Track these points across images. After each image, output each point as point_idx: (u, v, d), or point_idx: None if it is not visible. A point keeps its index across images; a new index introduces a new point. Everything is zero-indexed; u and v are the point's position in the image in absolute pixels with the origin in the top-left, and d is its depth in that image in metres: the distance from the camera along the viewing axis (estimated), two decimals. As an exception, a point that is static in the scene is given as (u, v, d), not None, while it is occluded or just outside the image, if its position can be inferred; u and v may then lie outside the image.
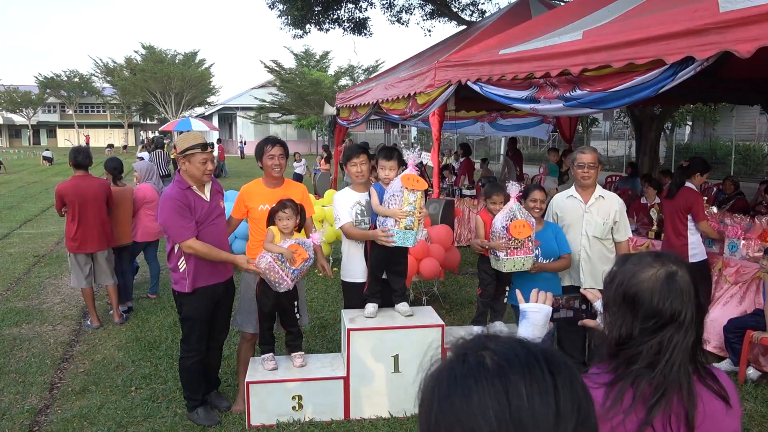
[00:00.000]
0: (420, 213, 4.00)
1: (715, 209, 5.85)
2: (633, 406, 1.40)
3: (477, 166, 14.85)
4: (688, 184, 5.60)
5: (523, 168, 13.83)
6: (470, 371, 0.84)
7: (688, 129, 27.29)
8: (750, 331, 4.84)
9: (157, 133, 60.00)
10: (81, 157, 6.02)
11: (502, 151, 31.54)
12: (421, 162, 12.44)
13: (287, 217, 4.06)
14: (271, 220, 4.12)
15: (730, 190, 9.05)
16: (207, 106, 51.10)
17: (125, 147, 48.67)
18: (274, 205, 4.11)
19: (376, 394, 4.22)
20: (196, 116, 43.05)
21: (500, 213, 4.21)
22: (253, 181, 4.47)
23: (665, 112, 13.13)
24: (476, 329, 4.44)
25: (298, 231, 4.22)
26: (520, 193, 4.25)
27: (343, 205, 4.37)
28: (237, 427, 4.17)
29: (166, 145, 19.03)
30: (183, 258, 4.02)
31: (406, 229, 3.98)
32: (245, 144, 42.34)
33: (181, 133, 4.23)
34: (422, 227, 4.11)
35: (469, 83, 6.86)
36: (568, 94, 4.79)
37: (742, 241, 5.42)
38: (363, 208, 4.37)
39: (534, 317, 1.79)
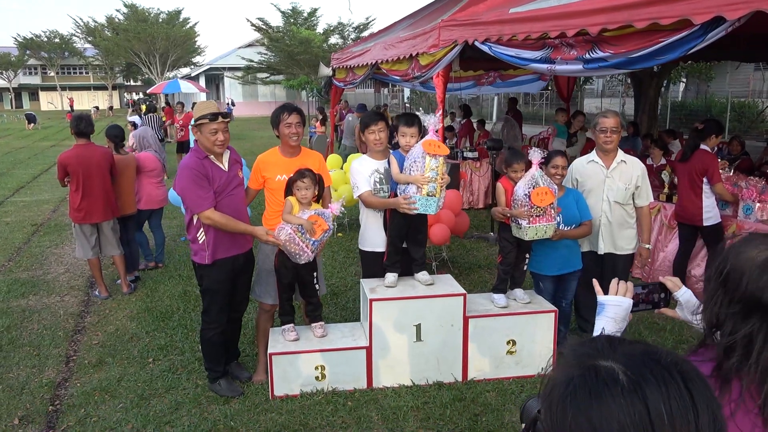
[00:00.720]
0: (442, 179, 3.96)
1: (730, 172, 5.81)
2: (741, 399, 1.34)
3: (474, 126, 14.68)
4: (702, 146, 5.54)
5: (522, 128, 13.71)
6: (605, 387, 0.85)
7: (682, 86, 27.16)
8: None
9: (142, 96, 59.01)
10: (83, 125, 5.85)
11: (494, 111, 31.49)
12: (452, 127, 12.32)
13: (306, 186, 4.00)
14: (288, 190, 4.06)
15: (736, 150, 9.00)
16: (193, 67, 50.09)
17: (111, 108, 47.74)
18: (291, 175, 4.03)
19: (398, 363, 4.23)
20: (182, 77, 42.20)
21: (522, 180, 4.16)
22: (270, 151, 4.38)
23: (665, 68, 12.95)
24: (497, 297, 4.44)
25: (317, 201, 4.15)
26: (542, 160, 4.18)
27: (361, 174, 4.29)
28: (260, 398, 4.17)
29: (157, 109, 18.66)
30: (202, 229, 3.96)
31: (428, 195, 3.94)
32: (234, 105, 41.71)
33: (195, 103, 4.13)
34: (443, 193, 4.06)
35: (476, 44, 6.68)
36: (587, 55, 4.66)
37: (757, 204, 5.41)
38: (381, 176, 4.30)
39: (613, 311, 1.71)
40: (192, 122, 3.92)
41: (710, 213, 5.47)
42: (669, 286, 1.90)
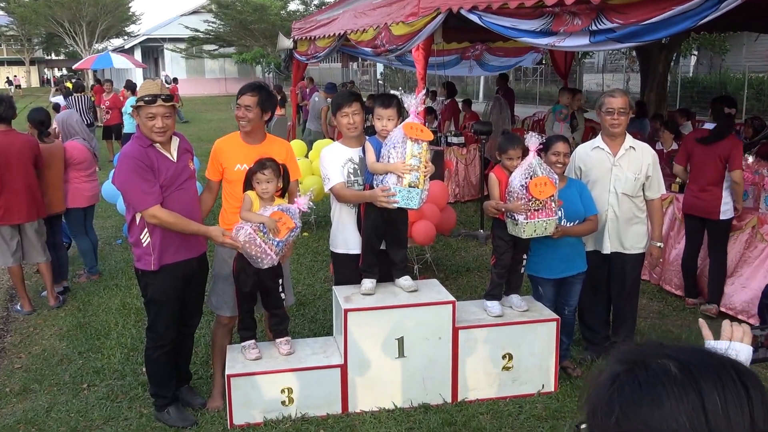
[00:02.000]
0: (426, 168, 3.99)
1: (750, 158, 5.94)
2: None
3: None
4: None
5: (514, 109, 13.83)
6: (656, 378, 0.93)
7: (693, 60, 27.67)
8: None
9: (66, 72, 57.89)
10: (2, 108, 5.72)
11: (481, 89, 31.69)
12: (432, 108, 12.31)
13: (267, 179, 3.99)
14: (248, 183, 4.04)
15: (748, 134, 9.15)
16: (127, 38, 49.33)
17: (19, 87, 46.64)
18: (251, 166, 4.02)
19: (378, 383, 4.24)
20: (114, 50, 41.51)
21: (518, 169, 4.20)
22: (229, 136, 4.37)
23: (675, 40, 13.16)
24: (490, 305, 4.48)
25: (281, 196, 4.14)
26: (541, 146, 4.23)
27: (333, 163, 4.29)
28: (217, 427, 4.15)
29: (86, 88, 18.36)
30: (146, 230, 3.94)
31: (410, 186, 3.97)
32: (170, 84, 41.16)
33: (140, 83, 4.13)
34: (427, 184, 4.09)
35: (462, 12, 6.72)
36: (594, 26, 4.73)
37: (782, 194, 5.55)
38: (356, 166, 4.31)
39: None
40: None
41: (728, 205, 5.60)
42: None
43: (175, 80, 28.14)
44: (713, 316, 5.74)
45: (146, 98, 3.83)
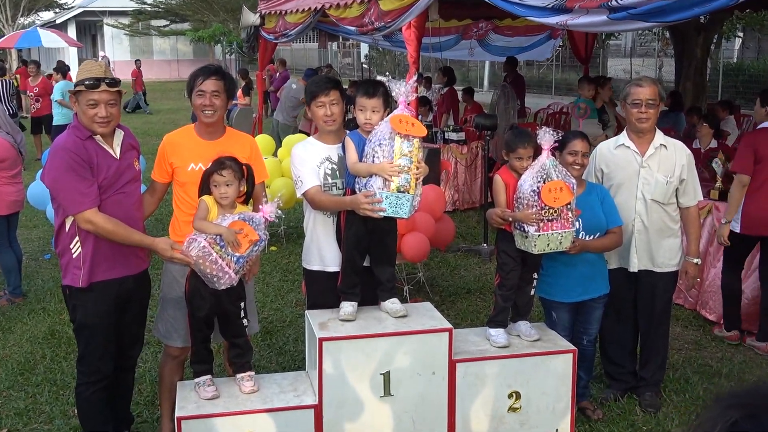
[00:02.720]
0: (418, 169, 4.02)
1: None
2: None
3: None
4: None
5: (525, 99, 13.94)
6: None
7: (738, 43, 28.00)
8: None
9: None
10: None
11: (486, 75, 31.88)
12: (426, 98, 12.32)
13: (226, 181, 4.00)
14: (204, 186, 4.05)
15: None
16: (58, 11, 49.12)
17: None
18: (208, 165, 4.04)
19: (359, 426, 4.25)
20: (44, 25, 41.36)
21: (528, 172, 4.24)
22: (181, 129, 4.39)
23: (715, 20, 13.27)
24: (494, 333, 4.50)
25: (244, 203, 4.17)
26: (556, 143, 4.28)
27: (307, 163, 4.32)
28: (164, 481, 4.13)
29: (7, 71, 18.29)
30: (78, 238, 3.95)
31: (399, 191, 3.99)
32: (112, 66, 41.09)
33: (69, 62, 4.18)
34: (420, 189, 4.13)
35: (463, -17, 6.80)
36: (614, 1, 4.80)
37: None
38: (335, 166, 4.34)
39: None
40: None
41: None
42: None
43: (138, 63, 28.25)
44: (764, 354, 5.79)
45: (87, 82, 3.85)
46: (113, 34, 44.94)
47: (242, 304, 4.20)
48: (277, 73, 19.05)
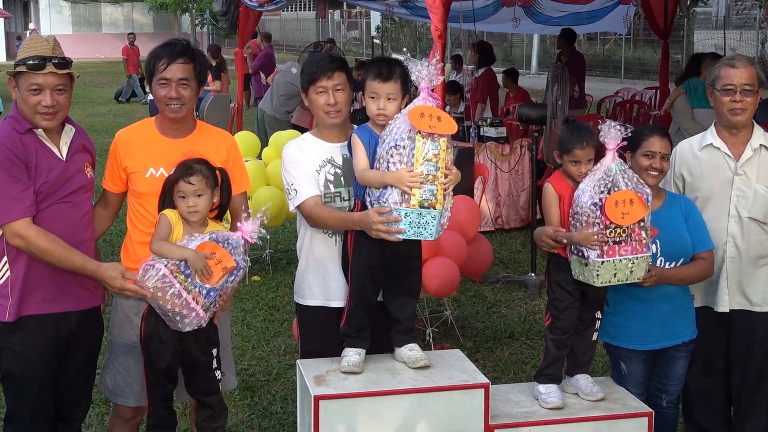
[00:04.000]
0: (446, 178, 4.00)
1: None
2: None
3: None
4: None
5: (585, 84, 13.94)
6: None
7: None
8: None
9: None
10: None
11: (534, 54, 31.93)
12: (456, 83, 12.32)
13: (195, 191, 4.05)
14: (167, 198, 4.10)
15: None
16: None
17: None
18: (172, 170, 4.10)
19: None
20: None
21: (588, 179, 4.24)
22: (138, 124, 4.46)
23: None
24: (544, 391, 4.48)
25: (218, 218, 4.21)
26: (625, 142, 4.28)
27: (302, 167, 4.35)
28: None
29: None
30: (6, 258, 4.00)
31: (422, 207, 3.98)
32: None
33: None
34: (450, 203, 4.12)
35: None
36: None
37: None
38: (339, 170, 4.37)
39: None
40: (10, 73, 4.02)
41: None
42: None
43: (131, 37, 28.79)
44: None
45: (30, 62, 3.90)
46: (50, 2, 45.35)
47: (214, 351, 4.23)
48: (261, 50, 19.14)
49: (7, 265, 3.99)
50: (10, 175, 3.87)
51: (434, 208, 3.99)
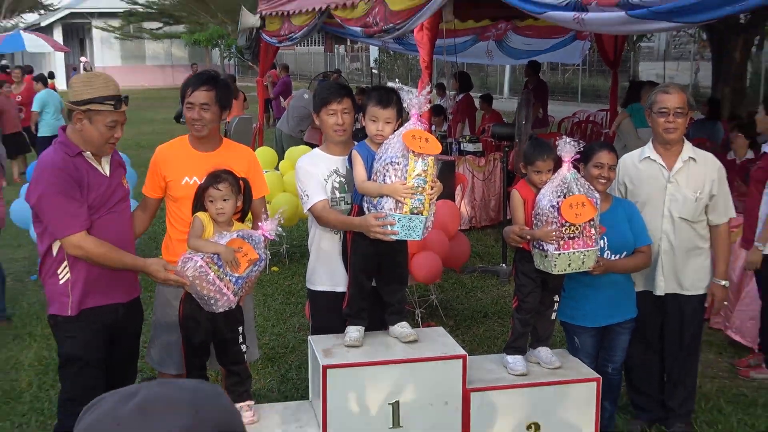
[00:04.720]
0: (432, 189, 4.05)
1: None
2: None
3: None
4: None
5: (548, 107, 13.99)
6: None
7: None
8: None
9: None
10: None
11: (506, 81, 31.93)
12: (440, 106, 12.32)
13: (222, 196, 4.03)
14: (199, 202, 4.11)
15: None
16: (43, 13, 49.55)
17: None
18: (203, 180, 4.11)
19: (366, 460, 4.30)
20: (27, 28, 41.73)
21: (548, 186, 4.27)
22: (174, 141, 4.48)
23: (756, 20, 13.19)
24: (512, 360, 4.53)
25: (241, 219, 4.24)
26: (578, 155, 4.33)
27: (313, 176, 4.39)
28: None
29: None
30: (66, 263, 3.98)
31: (412, 213, 4.03)
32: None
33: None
34: (433, 208, 4.17)
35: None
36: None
37: None
38: (343, 179, 4.42)
39: None
40: (75, 102, 3.87)
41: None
42: None
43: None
44: None
45: (110, 102, 3.88)
46: (102, 38, 45.21)
47: (240, 328, 4.23)
48: (278, 79, 19.19)
49: (67, 269, 3.97)
50: (67, 194, 3.85)
51: (422, 214, 4.04)
